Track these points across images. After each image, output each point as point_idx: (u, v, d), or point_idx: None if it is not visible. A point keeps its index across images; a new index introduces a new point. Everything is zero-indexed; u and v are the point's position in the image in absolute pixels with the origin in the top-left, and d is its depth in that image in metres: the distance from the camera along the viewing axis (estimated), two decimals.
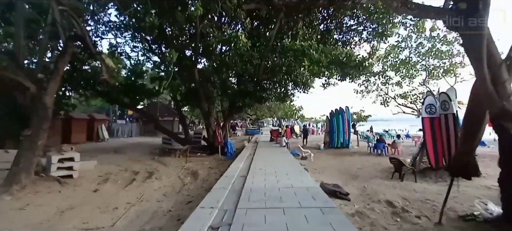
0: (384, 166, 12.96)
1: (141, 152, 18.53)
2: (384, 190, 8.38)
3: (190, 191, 8.37)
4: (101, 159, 14.56)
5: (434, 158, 10.67)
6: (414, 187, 8.75)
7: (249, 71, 15.01)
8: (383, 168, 12.54)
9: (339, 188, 7.52)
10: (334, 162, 14.29)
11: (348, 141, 21.29)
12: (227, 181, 8.10)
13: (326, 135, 23.21)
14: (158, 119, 32.49)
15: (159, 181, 9.91)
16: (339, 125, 21.36)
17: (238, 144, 22.93)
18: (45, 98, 7.43)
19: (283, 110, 46.02)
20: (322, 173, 11.22)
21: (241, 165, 11.36)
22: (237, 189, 7.15)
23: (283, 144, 19.35)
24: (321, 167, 12.84)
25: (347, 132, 21.35)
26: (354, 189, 8.58)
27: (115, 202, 7.22)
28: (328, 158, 15.82)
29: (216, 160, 15.22)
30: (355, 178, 10.47)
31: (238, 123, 55.40)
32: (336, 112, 22.23)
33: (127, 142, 26.53)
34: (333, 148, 20.82)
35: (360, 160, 15.09)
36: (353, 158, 15.91)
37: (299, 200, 6.00)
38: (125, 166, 12.78)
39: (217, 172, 11.35)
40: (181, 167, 12.78)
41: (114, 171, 11.49)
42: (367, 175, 11.03)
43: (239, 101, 17.39)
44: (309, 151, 15.41)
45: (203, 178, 10.44)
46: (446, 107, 10.74)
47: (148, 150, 19.80)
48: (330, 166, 13.08)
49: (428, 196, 7.61)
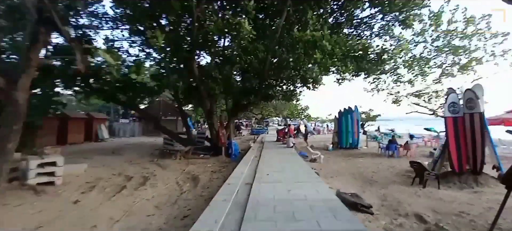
0: (399, 169, 12.00)
1: (141, 153, 17.67)
2: (408, 199, 7.38)
3: (188, 202, 7.36)
4: (95, 161, 13.84)
5: (457, 161, 9.68)
6: (439, 195, 7.71)
7: (254, 66, 13.90)
8: (399, 172, 11.57)
9: (359, 198, 6.52)
10: (346, 165, 13.29)
11: (357, 141, 20.30)
12: (230, 190, 7.09)
13: (334, 135, 22.16)
14: (160, 118, 31.98)
15: (153, 188, 8.90)
16: (348, 124, 20.39)
17: (243, 144, 22.04)
18: (15, 95, 6.43)
19: (289, 109, 45.05)
20: (336, 178, 10.22)
21: (246, 169, 10.37)
22: (241, 202, 6.13)
23: (290, 144, 18.35)
24: (333, 170, 11.83)
25: (356, 132, 20.40)
26: (373, 197, 7.60)
27: (95, 218, 6.15)
28: (339, 160, 14.84)
29: (219, 162, 14.29)
30: (371, 184, 9.47)
31: (244, 122, 54.51)
32: (344, 112, 21.27)
33: (128, 142, 25.83)
34: (342, 149, 19.86)
35: (373, 162, 14.08)
36: (365, 159, 14.91)
37: (317, 218, 4.94)
38: (119, 170, 11.86)
39: (219, 177, 10.38)
40: (181, 171, 11.84)
41: (105, 176, 10.55)
42: (384, 180, 10.03)
43: (244, 99, 16.40)
44: (319, 153, 14.43)
45: (204, 184, 9.46)
46: (472, 106, 9.74)
47: (148, 150, 18.94)
48: (343, 170, 12.07)
49: (460, 207, 6.59)
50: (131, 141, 27.18)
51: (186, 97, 17.99)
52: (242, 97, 16.18)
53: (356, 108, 21.34)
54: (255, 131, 39.15)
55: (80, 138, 24.97)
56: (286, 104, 40.28)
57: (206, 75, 15.00)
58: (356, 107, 21.38)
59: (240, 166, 11.20)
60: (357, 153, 17.57)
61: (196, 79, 14.54)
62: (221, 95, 16.38)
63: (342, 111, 21.55)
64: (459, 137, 9.81)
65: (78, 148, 20.64)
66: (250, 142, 23.32)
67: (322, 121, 55.06)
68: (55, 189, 8.44)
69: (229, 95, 16.76)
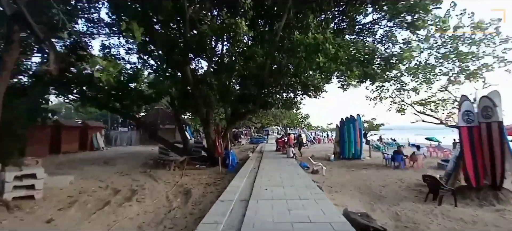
0: (409, 182, 11.18)
1: (134, 163, 16.91)
2: (424, 218, 6.55)
3: (175, 221, 6.48)
4: (85, 172, 13.15)
5: (474, 175, 8.85)
6: (459, 215, 6.85)
7: (252, 72, 13.10)
8: (409, 185, 10.74)
9: (371, 219, 5.66)
10: (350, 177, 12.41)
11: (360, 152, 19.45)
12: (223, 209, 6.22)
13: (336, 145, 21.28)
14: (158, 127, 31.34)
15: (139, 204, 8.04)
16: (350, 134, 19.54)
17: (242, 154, 21.26)
18: None
19: (289, 118, 44.16)
20: (340, 193, 9.40)
21: (243, 183, 9.54)
22: (234, 224, 5.28)
23: (290, 154, 17.48)
24: (336, 183, 10.98)
25: (359, 142, 19.53)
26: (385, 216, 6.80)
27: None
28: (342, 171, 13.98)
29: (215, 173, 13.47)
30: (381, 200, 8.63)
31: (243, 131, 53.62)
32: (346, 121, 20.45)
33: (124, 151, 25.28)
34: (344, 159, 19.02)
35: (378, 174, 13.22)
36: (370, 171, 14.03)
37: None
38: (107, 182, 11.09)
39: (214, 191, 9.54)
40: (174, 183, 11.01)
41: (90, 189, 9.75)
42: (394, 195, 9.19)
43: (242, 107, 15.57)
44: (321, 164, 13.59)
45: (196, 199, 8.59)
46: (489, 115, 8.94)
47: (143, 160, 18.15)
48: (347, 182, 11.22)
49: (486, 230, 5.79)
50: (128, 150, 26.49)
51: (181, 105, 17.18)
52: (240, 105, 15.35)
53: (359, 117, 20.50)
54: (254, 140, 38.33)
55: (75, 147, 24.27)
56: (286, 113, 39.38)
57: (201, 82, 14.21)
58: (359, 116, 20.55)
59: (237, 179, 10.40)
60: (361, 164, 16.70)
61: (190, 85, 13.73)
62: (219, 103, 15.52)
63: (344, 120, 20.71)
64: (475, 148, 9.02)
65: (71, 157, 19.89)
66: (248, 151, 22.49)
67: (323, 129, 54.14)
68: (32, 204, 7.63)
69: (226, 103, 15.90)
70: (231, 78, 15.00)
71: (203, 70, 16.80)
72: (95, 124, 30.92)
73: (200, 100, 14.14)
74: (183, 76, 13.63)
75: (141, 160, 18.27)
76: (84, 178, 11.80)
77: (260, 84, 13.80)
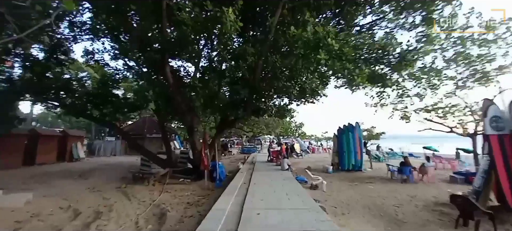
0: (425, 201, 9.59)
1: (111, 177, 15.22)
2: None
3: None
4: (51, 188, 11.67)
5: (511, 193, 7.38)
6: None
7: (243, 74, 11.47)
8: (426, 204, 9.15)
9: None
10: (355, 193, 10.71)
11: (360, 163, 17.78)
12: None
13: (334, 155, 19.52)
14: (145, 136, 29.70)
15: None
16: (349, 143, 17.83)
17: (232, 165, 19.61)
18: None
19: (282, 126, 42.38)
20: (349, 216, 7.74)
21: (231, 204, 7.82)
22: None
23: (285, 166, 15.75)
24: (341, 202, 9.30)
25: (359, 152, 17.87)
26: None
27: None
28: (344, 186, 12.31)
29: (201, 188, 11.84)
30: (400, 226, 6.99)
31: (234, 140, 51.80)
32: (345, 129, 18.81)
33: (105, 162, 23.57)
34: (344, 171, 17.33)
35: (386, 189, 11.56)
36: (376, 186, 12.37)
37: None
38: (72, 201, 9.52)
39: (194, 214, 7.80)
40: (150, 203, 9.33)
41: (47, 211, 8.14)
42: (415, 219, 7.55)
43: (231, 113, 13.84)
44: (320, 178, 11.97)
45: (170, 226, 6.89)
46: None
47: (122, 173, 16.36)
48: (353, 201, 9.54)
49: None
50: (110, 161, 24.91)
51: (164, 111, 15.50)
52: (229, 111, 13.64)
53: (358, 125, 18.91)
54: (245, 150, 36.50)
55: (52, 158, 22.68)
56: (279, 122, 37.68)
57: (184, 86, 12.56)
58: (358, 124, 18.96)
59: (224, 197, 8.76)
60: (363, 177, 15.06)
61: (171, 87, 12.04)
62: (206, 110, 13.79)
63: (342, 129, 19.08)
64: (510, 160, 7.51)
65: (46, 169, 18.16)
66: (239, 162, 20.77)
67: (318, 139, 52.51)
68: None
69: (213, 109, 14.09)
70: (220, 81, 13.39)
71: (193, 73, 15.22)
72: (76, 132, 29.15)
73: (183, 105, 12.40)
74: (163, 78, 11.97)
75: (120, 173, 16.49)
76: (47, 195, 10.22)
77: (252, 88, 12.20)
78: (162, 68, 11.29)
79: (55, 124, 47.40)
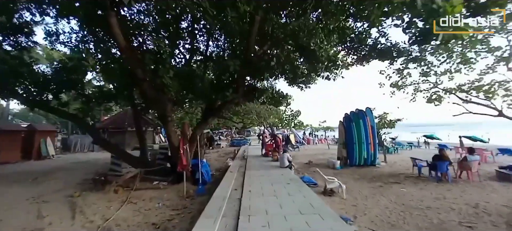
0: (497, 210, 6.80)
1: (73, 179, 12.41)
2: None
3: None
4: None
5: None
6: None
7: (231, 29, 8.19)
8: (500, 214, 6.36)
9: None
10: (389, 202, 7.71)
11: (374, 157, 14.86)
12: None
13: (341, 148, 16.36)
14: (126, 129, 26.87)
15: None
16: (360, 133, 14.78)
17: (219, 161, 16.76)
18: None
19: (277, 115, 38.77)
20: None
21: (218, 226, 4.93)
22: None
23: (285, 163, 12.70)
24: (379, 219, 6.30)
25: (372, 144, 14.89)
26: None
27: None
28: (366, 189, 9.32)
29: (178, 196, 8.93)
30: None
31: (223, 131, 48.70)
32: (354, 116, 15.74)
33: (77, 160, 20.82)
34: (354, 166, 14.40)
35: (426, 194, 8.47)
36: (408, 188, 9.38)
37: None
38: None
39: None
40: (102, 221, 6.41)
41: None
42: None
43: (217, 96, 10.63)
44: (335, 179, 8.97)
45: None
46: None
47: (89, 174, 13.51)
48: (395, 215, 6.53)
49: None
50: (84, 158, 22.11)
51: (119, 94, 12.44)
52: (214, 93, 10.42)
53: (369, 110, 15.85)
54: (235, 142, 33.24)
55: (15, 156, 20.11)
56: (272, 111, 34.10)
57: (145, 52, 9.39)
58: (369, 109, 15.89)
59: (208, 212, 5.88)
60: (382, 174, 12.12)
61: (122, 51, 8.71)
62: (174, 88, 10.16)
63: (349, 116, 16.02)
64: None
65: (2, 170, 15.08)
66: (228, 158, 17.75)
67: (315, 129, 49.33)
68: None
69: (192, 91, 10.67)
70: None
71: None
72: (46, 127, 26.27)
73: (146, 84, 9.16)
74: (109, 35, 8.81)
75: (85, 174, 13.59)
76: None
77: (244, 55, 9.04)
78: (108, 25, 7.97)
79: (38, 120, 43.27)
